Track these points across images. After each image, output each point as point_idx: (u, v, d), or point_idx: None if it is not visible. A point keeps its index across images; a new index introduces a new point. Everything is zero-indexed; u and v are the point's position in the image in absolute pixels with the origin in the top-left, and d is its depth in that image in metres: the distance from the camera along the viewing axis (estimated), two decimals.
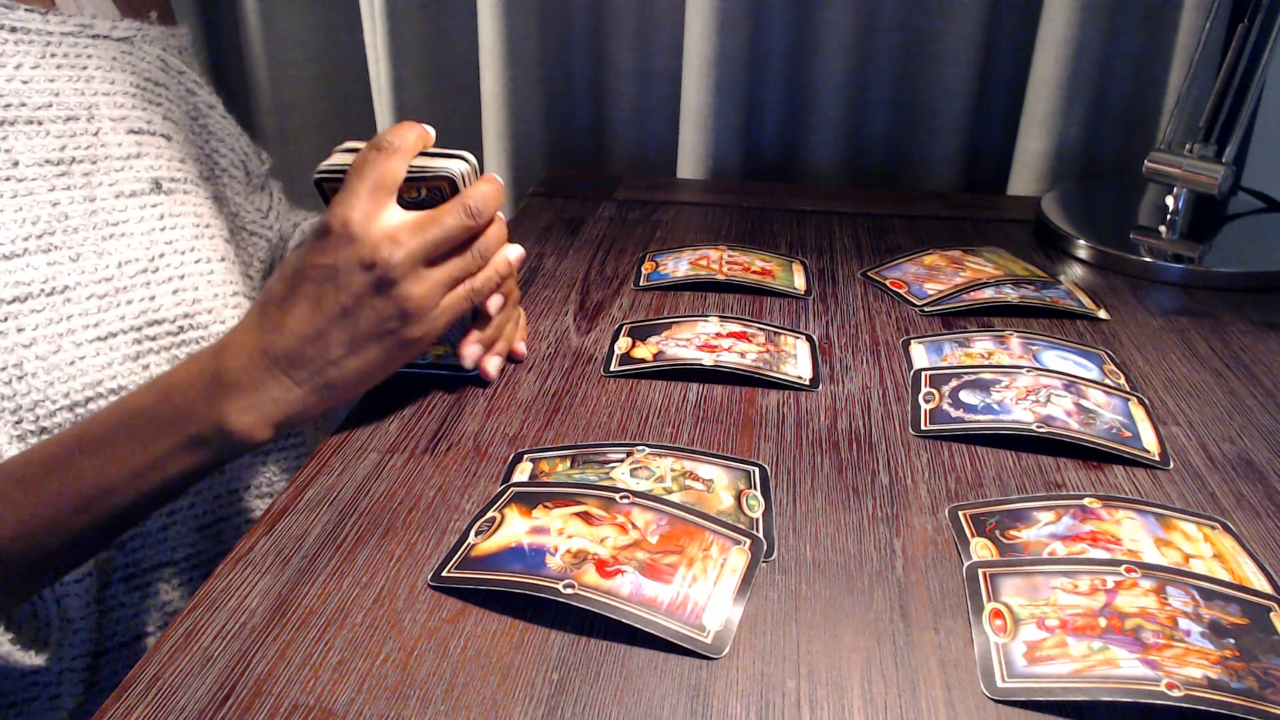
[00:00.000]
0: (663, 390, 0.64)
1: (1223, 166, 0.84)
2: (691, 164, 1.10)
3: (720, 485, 0.53)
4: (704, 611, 0.44)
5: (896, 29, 1.06)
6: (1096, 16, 0.97)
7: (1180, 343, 0.71)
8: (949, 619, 0.45)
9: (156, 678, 0.42)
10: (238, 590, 0.47)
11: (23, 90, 0.60)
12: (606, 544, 0.47)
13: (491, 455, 0.57)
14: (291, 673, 0.42)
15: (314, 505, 0.53)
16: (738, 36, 1.04)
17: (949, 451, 0.57)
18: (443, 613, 0.45)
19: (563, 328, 0.73)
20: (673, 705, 0.40)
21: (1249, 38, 0.83)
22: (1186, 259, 0.83)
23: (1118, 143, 1.07)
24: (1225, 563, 0.47)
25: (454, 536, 0.50)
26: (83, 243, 0.60)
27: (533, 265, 0.85)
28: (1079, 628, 0.43)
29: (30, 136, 0.59)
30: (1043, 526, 0.50)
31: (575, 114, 1.18)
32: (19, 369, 0.56)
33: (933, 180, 1.11)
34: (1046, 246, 0.90)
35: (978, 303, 0.75)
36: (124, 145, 0.64)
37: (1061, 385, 0.62)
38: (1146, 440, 0.58)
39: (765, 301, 0.78)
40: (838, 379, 0.66)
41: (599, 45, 1.13)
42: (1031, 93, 1.03)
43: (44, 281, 0.58)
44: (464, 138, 1.20)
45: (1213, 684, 0.39)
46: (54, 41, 0.62)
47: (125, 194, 0.63)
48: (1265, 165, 1.02)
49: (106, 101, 0.64)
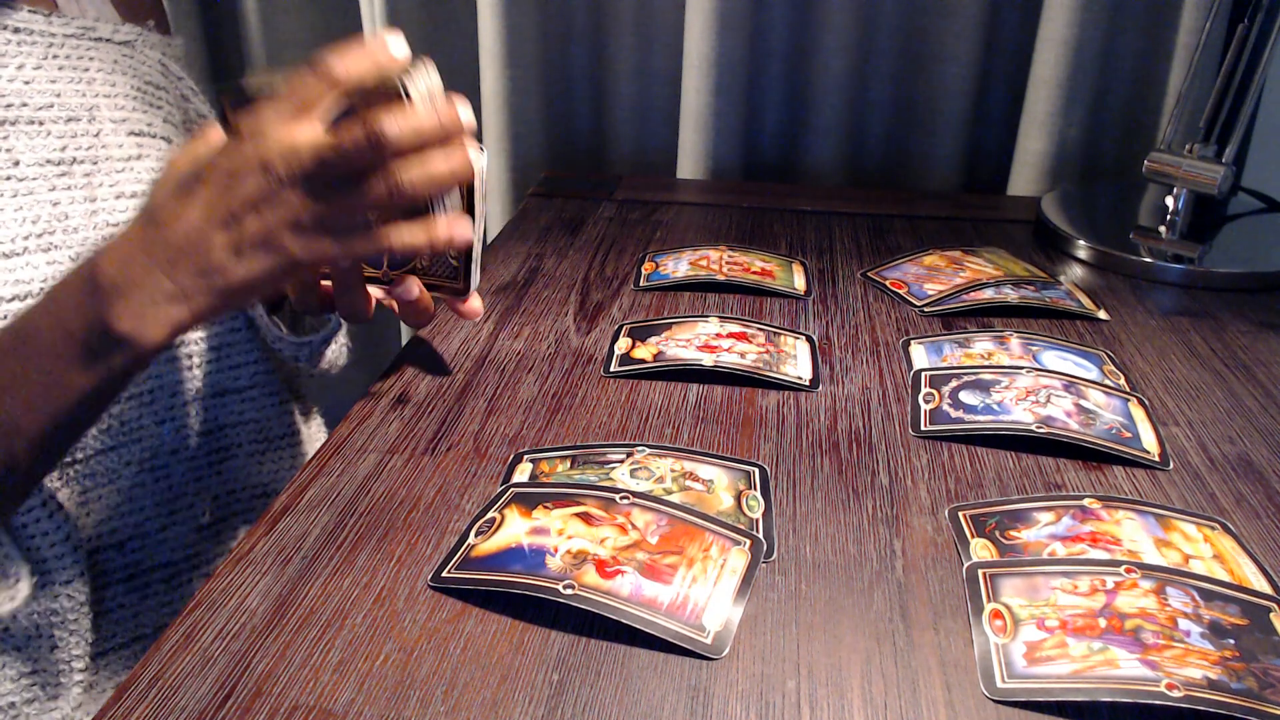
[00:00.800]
0: (663, 391, 0.64)
1: (1223, 166, 0.84)
2: (691, 164, 1.10)
3: (720, 486, 0.53)
4: (704, 612, 0.44)
5: (896, 29, 1.06)
6: (1096, 16, 0.97)
7: (1180, 343, 0.71)
8: (949, 619, 0.45)
9: (156, 678, 0.42)
10: (238, 590, 0.47)
11: (24, 90, 0.60)
12: (606, 544, 0.47)
13: (491, 455, 0.57)
14: (291, 673, 0.42)
15: (314, 505, 0.53)
16: (738, 36, 1.04)
17: (949, 452, 0.57)
18: (443, 613, 0.45)
19: (563, 328, 0.73)
20: (673, 705, 0.40)
21: (1249, 38, 0.83)
22: (1186, 259, 0.83)
23: (1118, 143, 1.07)
24: (1225, 563, 0.47)
25: (454, 537, 0.50)
26: (83, 243, 0.60)
27: (533, 265, 0.85)
28: (1079, 628, 0.43)
29: (31, 136, 0.59)
30: (1042, 527, 0.50)
31: (575, 114, 1.18)
32: None
33: (933, 180, 1.11)
34: (1046, 247, 0.90)
35: (978, 303, 0.75)
36: (125, 147, 0.64)
37: (1061, 386, 0.62)
38: (1146, 441, 0.58)
39: (765, 302, 0.78)
40: (838, 379, 0.66)
41: (599, 45, 1.13)
42: (1031, 93, 1.03)
43: (43, 281, 0.58)
44: None
45: (1212, 684, 0.39)
46: (56, 43, 0.62)
47: (126, 195, 0.63)
48: (1265, 165, 1.02)
49: (108, 103, 0.64)
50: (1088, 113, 1.02)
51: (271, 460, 0.73)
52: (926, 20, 1.05)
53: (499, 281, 0.82)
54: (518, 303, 0.77)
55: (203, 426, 0.67)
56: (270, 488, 0.73)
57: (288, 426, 0.74)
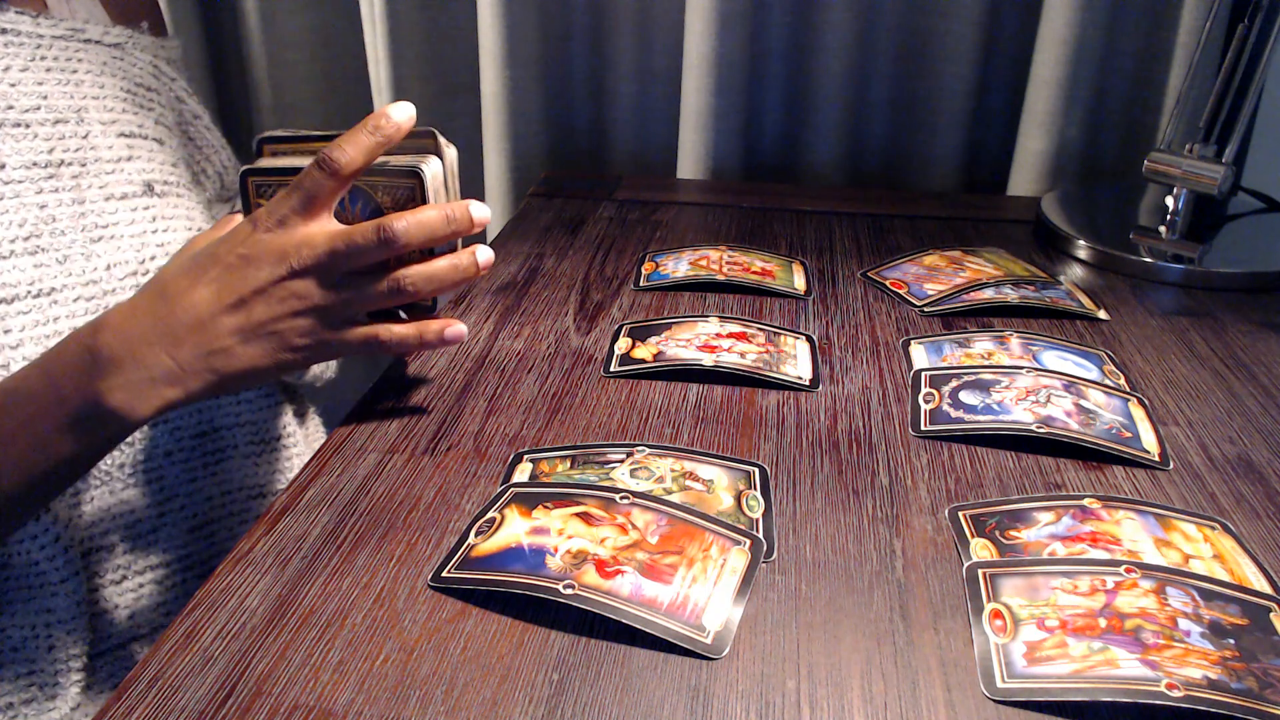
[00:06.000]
0: (663, 391, 0.64)
1: (1223, 166, 0.84)
2: (691, 164, 1.10)
3: (720, 486, 0.53)
4: (704, 612, 0.44)
5: (896, 29, 1.06)
6: (1096, 16, 0.97)
7: (1180, 343, 0.71)
8: (949, 619, 0.45)
9: (156, 678, 0.42)
10: (238, 590, 0.47)
11: (10, 93, 0.60)
12: (606, 544, 0.47)
13: (491, 455, 0.57)
14: (291, 673, 0.42)
15: (314, 505, 0.53)
16: (738, 36, 1.04)
17: (949, 452, 0.57)
18: (443, 613, 0.45)
19: (563, 328, 0.73)
20: (673, 705, 0.40)
21: (1249, 38, 0.83)
22: (1186, 259, 0.83)
23: (1118, 143, 1.07)
24: (1225, 563, 0.47)
25: (454, 537, 0.50)
26: (70, 245, 0.60)
27: (533, 265, 0.85)
28: (1079, 628, 0.43)
29: (18, 139, 0.59)
30: (1043, 527, 0.50)
31: (575, 114, 1.17)
32: (5, 370, 0.56)
33: (933, 180, 1.11)
34: (1046, 247, 0.90)
35: (978, 303, 0.75)
36: (114, 148, 0.64)
37: (1061, 385, 0.62)
38: (1146, 441, 0.58)
39: (765, 302, 0.78)
40: (838, 379, 0.66)
41: (599, 45, 1.13)
42: (1031, 93, 1.03)
43: (30, 283, 0.58)
44: (464, 138, 1.20)
45: (1212, 684, 0.39)
46: (44, 44, 0.62)
47: (115, 196, 0.63)
48: (1265, 165, 1.02)
49: (96, 105, 0.64)
50: (1088, 113, 1.02)
51: (266, 461, 0.73)
52: (926, 20, 1.05)
53: (499, 281, 0.82)
54: (518, 303, 0.77)
55: (197, 428, 0.67)
56: (265, 489, 0.73)
57: (283, 428, 0.74)
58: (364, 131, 0.52)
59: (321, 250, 0.52)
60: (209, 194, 0.76)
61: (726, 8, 1.01)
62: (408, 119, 0.53)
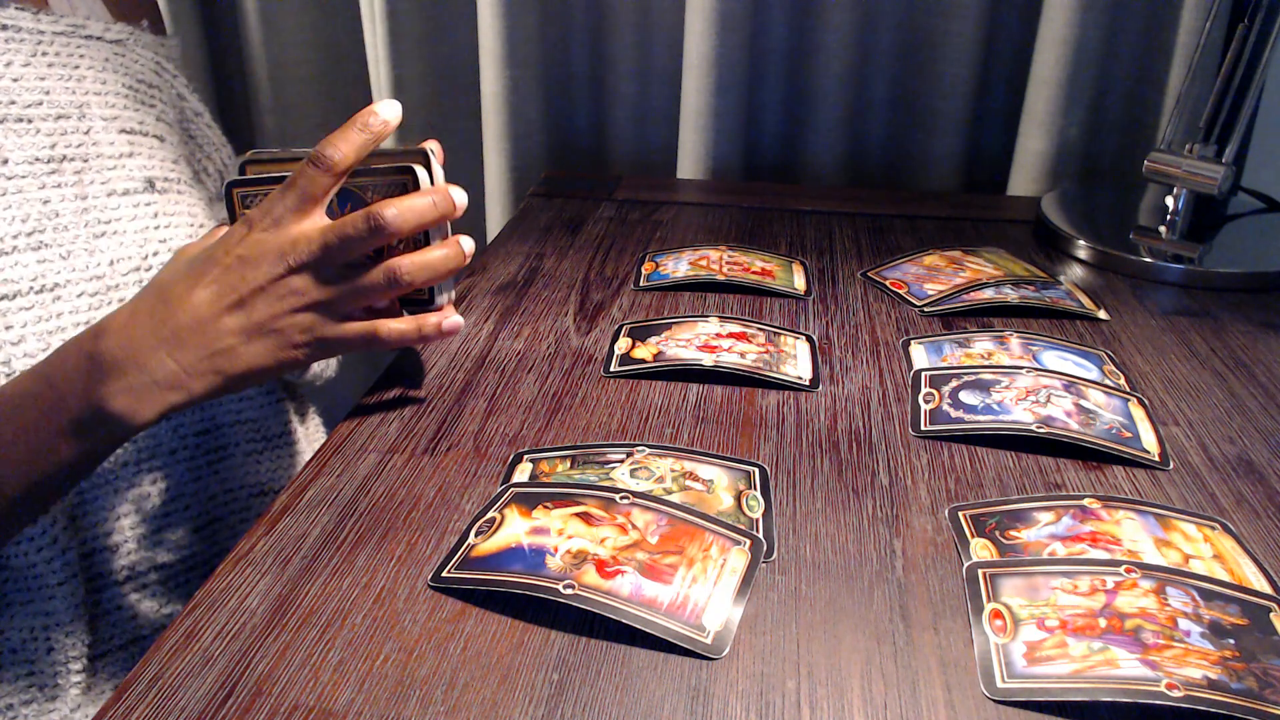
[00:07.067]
0: (663, 391, 0.64)
1: (1223, 166, 0.84)
2: (691, 164, 1.10)
3: (720, 486, 0.53)
4: (704, 612, 0.44)
5: (896, 29, 1.06)
6: (1096, 16, 0.97)
7: (1180, 343, 0.71)
8: (949, 619, 0.45)
9: (156, 678, 0.42)
10: (238, 590, 0.47)
11: (12, 88, 0.60)
12: (606, 544, 0.47)
13: (491, 455, 0.57)
14: (291, 673, 0.42)
15: (314, 505, 0.53)
16: (738, 36, 1.03)
17: (949, 452, 0.57)
18: (443, 613, 0.45)
19: (563, 328, 0.73)
20: (673, 705, 0.40)
21: (1249, 38, 0.83)
22: (1186, 259, 0.83)
23: (1118, 143, 1.07)
24: (1225, 563, 0.47)
25: (454, 537, 0.50)
26: (73, 240, 0.60)
27: (533, 265, 0.85)
28: (1079, 628, 0.43)
29: (20, 134, 0.59)
30: (1043, 527, 0.50)
31: (575, 114, 1.17)
32: (7, 366, 0.56)
33: (933, 180, 1.11)
34: (1046, 247, 0.90)
35: (978, 303, 0.75)
36: (116, 144, 0.64)
37: (1061, 385, 0.62)
38: (1146, 441, 0.58)
39: (765, 302, 0.78)
40: (838, 379, 0.66)
41: (599, 45, 1.13)
42: (1031, 93, 1.03)
43: (33, 279, 0.58)
44: (464, 138, 1.20)
45: (1212, 684, 0.39)
46: (45, 40, 0.62)
47: (118, 192, 0.63)
48: (1265, 165, 1.02)
49: (98, 101, 0.64)
50: (1088, 113, 1.02)
51: (268, 460, 0.73)
52: (926, 20, 1.05)
53: (499, 281, 0.82)
54: (518, 303, 0.77)
55: (198, 425, 0.67)
56: (267, 487, 0.73)
57: (284, 425, 0.74)
58: (354, 129, 0.53)
59: (316, 245, 0.53)
60: (210, 191, 0.76)
61: (726, 8, 1.01)
62: (395, 116, 0.54)
